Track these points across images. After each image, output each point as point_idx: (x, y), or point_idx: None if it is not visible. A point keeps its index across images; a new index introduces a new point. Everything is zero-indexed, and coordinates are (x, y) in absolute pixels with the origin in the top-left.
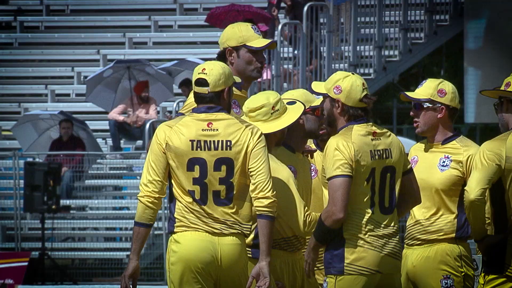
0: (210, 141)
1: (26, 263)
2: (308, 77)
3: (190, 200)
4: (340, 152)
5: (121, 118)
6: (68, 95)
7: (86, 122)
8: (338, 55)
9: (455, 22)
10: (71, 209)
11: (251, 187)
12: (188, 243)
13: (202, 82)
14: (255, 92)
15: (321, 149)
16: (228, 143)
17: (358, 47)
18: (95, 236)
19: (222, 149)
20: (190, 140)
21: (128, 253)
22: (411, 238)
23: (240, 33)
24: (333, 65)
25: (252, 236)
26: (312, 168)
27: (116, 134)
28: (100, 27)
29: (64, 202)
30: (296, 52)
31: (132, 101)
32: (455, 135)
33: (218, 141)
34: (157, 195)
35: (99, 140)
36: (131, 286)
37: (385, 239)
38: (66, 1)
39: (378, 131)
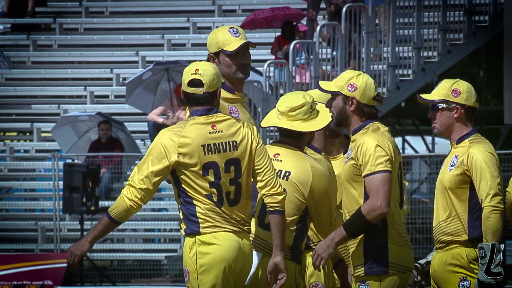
0: (218, 143)
1: (65, 265)
2: None
3: (209, 202)
4: (382, 148)
5: (160, 120)
6: (107, 96)
7: (125, 123)
8: (377, 56)
9: (495, 23)
10: None
11: (260, 184)
12: (222, 243)
13: (196, 83)
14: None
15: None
16: (234, 144)
17: (396, 48)
18: (133, 238)
19: (230, 150)
20: (201, 145)
21: (166, 254)
22: (435, 241)
23: (217, 38)
24: (371, 66)
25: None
26: None
27: (155, 135)
28: (138, 29)
29: (102, 203)
30: (334, 53)
31: (172, 103)
32: (469, 134)
33: (225, 142)
34: (142, 203)
35: (137, 142)
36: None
37: (407, 235)
38: (105, 3)
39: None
